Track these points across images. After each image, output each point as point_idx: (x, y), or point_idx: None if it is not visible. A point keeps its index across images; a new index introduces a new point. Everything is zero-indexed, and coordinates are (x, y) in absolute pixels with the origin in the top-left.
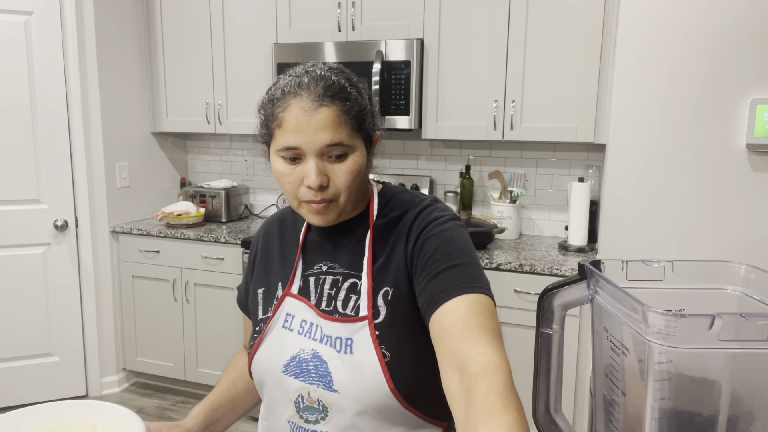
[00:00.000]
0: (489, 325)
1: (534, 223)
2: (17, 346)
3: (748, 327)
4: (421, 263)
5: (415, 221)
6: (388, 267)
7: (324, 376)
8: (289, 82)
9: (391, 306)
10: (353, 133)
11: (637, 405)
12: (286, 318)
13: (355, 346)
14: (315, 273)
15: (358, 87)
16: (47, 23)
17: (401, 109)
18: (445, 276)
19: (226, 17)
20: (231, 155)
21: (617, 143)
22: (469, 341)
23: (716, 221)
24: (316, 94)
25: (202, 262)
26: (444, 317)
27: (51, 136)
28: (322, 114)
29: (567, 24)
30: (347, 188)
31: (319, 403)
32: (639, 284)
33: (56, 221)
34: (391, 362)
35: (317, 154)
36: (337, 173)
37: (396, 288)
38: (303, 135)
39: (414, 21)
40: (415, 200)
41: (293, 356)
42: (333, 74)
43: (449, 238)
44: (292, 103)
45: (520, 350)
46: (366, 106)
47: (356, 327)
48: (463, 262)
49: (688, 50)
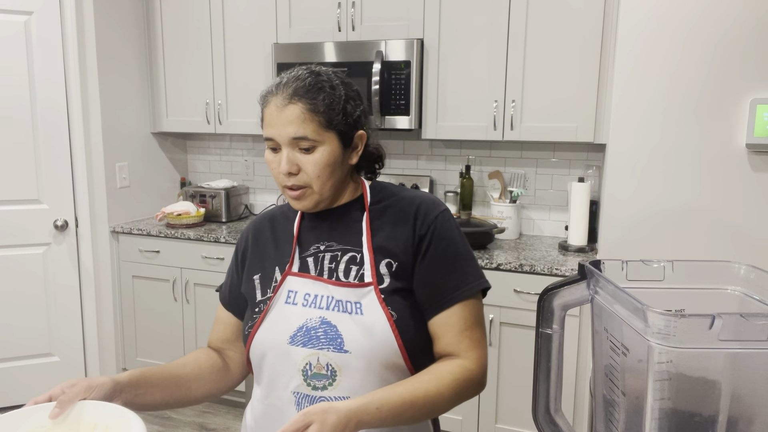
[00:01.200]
0: (476, 336)
1: (534, 223)
2: (17, 346)
3: (748, 327)
4: (429, 254)
5: (420, 207)
6: (390, 243)
7: (334, 339)
8: (274, 82)
9: (396, 276)
10: (320, 129)
11: (637, 405)
12: (288, 295)
13: (364, 308)
14: (313, 253)
15: (334, 87)
16: (47, 23)
17: (401, 109)
18: (448, 279)
19: (226, 17)
20: (231, 155)
21: (617, 143)
22: (458, 348)
23: (716, 221)
24: (286, 93)
25: (202, 262)
26: (442, 327)
27: (51, 136)
28: (289, 110)
29: (567, 24)
30: (317, 177)
31: (327, 368)
32: (639, 284)
33: (56, 221)
34: (398, 321)
35: (288, 145)
36: (306, 164)
37: (400, 262)
38: (275, 128)
39: (414, 21)
40: (406, 189)
41: (300, 326)
42: (309, 75)
43: (452, 240)
44: (270, 101)
45: (520, 350)
46: (337, 105)
47: (363, 292)
48: (461, 264)
49: (688, 50)
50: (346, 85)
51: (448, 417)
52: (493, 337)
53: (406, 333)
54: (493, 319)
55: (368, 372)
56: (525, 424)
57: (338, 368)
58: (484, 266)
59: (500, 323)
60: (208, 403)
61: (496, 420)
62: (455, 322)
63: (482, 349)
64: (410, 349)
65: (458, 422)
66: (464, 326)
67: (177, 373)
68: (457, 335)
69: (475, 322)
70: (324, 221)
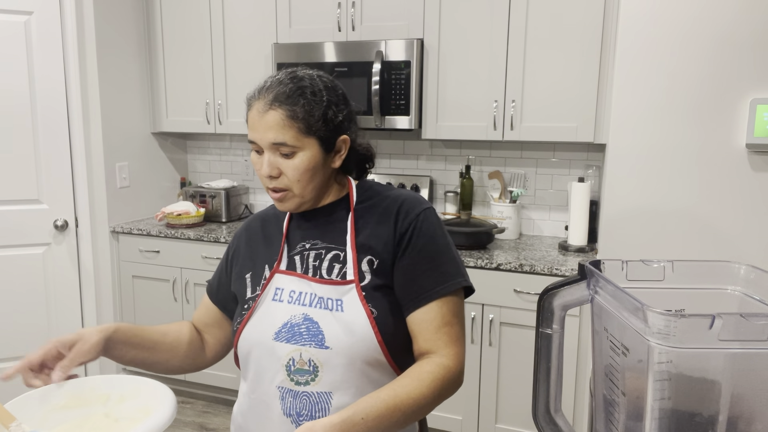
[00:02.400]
0: (453, 333)
1: (534, 223)
2: (17, 346)
3: (748, 327)
4: (409, 251)
5: (402, 205)
6: (372, 240)
7: (316, 335)
8: (257, 86)
9: (376, 273)
10: (299, 135)
11: (637, 405)
12: (275, 292)
13: (345, 306)
14: (299, 251)
15: (316, 94)
16: (47, 23)
17: (401, 109)
18: (426, 276)
19: (226, 17)
20: (231, 155)
21: (617, 143)
22: (436, 345)
23: (716, 221)
24: (267, 99)
25: (202, 262)
26: (420, 324)
27: (51, 136)
28: (269, 116)
29: (567, 24)
30: (297, 181)
31: (310, 364)
32: (639, 284)
33: (56, 221)
34: (378, 318)
35: (269, 149)
36: (286, 168)
37: (381, 260)
38: (257, 132)
39: (414, 21)
40: (392, 188)
41: (284, 323)
42: (291, 81)
43: (432, 237)
44: (253, 105)
45: (520, 350)
46: (317, 112)
47: (345, 289)
48: (440, 262)
49: (688, 50)
50: (330, 90)
51: (447, 417)
52: (493, 337)
53: (386, 329)
54: (493, 319)
55: (349, 368)
56: (525, 424)
57: (320, 364)
58: (483, 266)
59: (500, 323)
60: (207, 402)
61: (496, 420)
62: (432, 319)
63: (459, 345)
64: (391, 346)
65: (458, 422)
66: (441, 323)
67: (156, 339)
68: (434, 332)
69: (453, 319)
70: (310, 221)
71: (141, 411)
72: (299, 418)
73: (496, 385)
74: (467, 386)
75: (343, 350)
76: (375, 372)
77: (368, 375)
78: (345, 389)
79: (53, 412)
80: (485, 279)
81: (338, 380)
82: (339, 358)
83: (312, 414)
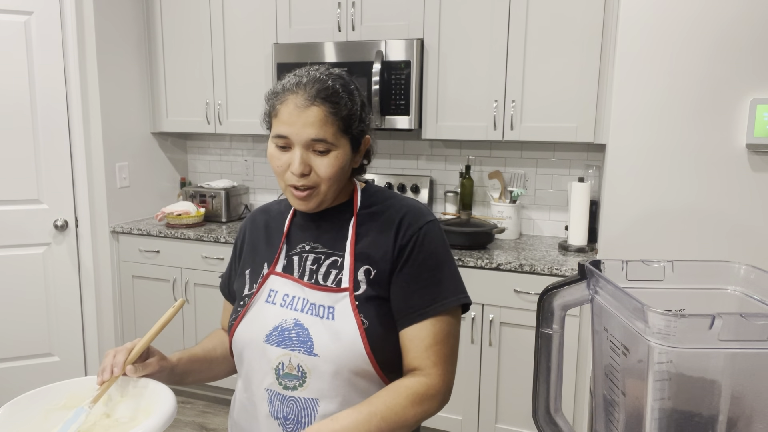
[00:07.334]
0: (443, 352)
1: (534, 223)
2: (17, 346)
3: (748, 327)
4: (408, 265)
5: (405, 217)
6: (371, 249)
7: (305, 341)
8: (291, 80)
9: (372, 283)
10: (338, 133)
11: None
12: (269, 293)
13: (336, 314)
14: (298, 252)
15: (352, 93)
16: (47, 23)
17: (401, 109)
18: (422, 293)
19: (226, 17)
20: (231, 155)
21: (617, 143)
22: (424, 363)
23: (716, 221)
24: (309, 94)
25: (202, 262)
26: (412, 341)
27: (51, 135)
28: (311, 112)
29: (567, 24)
30: (327, 180)
31: (298, 369)
32: (639, 284)
33: (56, 221)
34: (368, 329)
35: (303, 145)
36: (319, 166)
37: (378, 270)
38: (293, 127)
39: (414, 21)
40: (397, 195)
41: (275, 326)
42: (330, 79)
43: (433, 253)
44: (288, 99)
45: (520, 350)
46: (356, 111)
47: (338, 297)
48: (438, 279)
49: (688, 50)
50: (359, 91)
51: (447, 417)
52: (493, 337)
53: (375, 341)
54: (493, 319)
55: (336, 376)
56: (525, 424)
57: (308, 370)
58: (483, 266)
59: (500, 323)
60: (207, 402)
61: (496, 420)
62: (424, 337)
63: (448, 365)
64: (380, 357)
65: (458, 422)
66: (433, 341)
67: (211, 358)
68: (424, 350)
69: (445, 338)
70: (313, 221)
71: (141, 411)
72: (286, 421)
73: (496, 385)
74: (467, 386)
75: (330, 358)
76: (363, 382)
77: (355, 384)
78: (332, 397)
79: (53, 412)
80: (485, 279)
81: (325, 388)
82: (327, 365)
83: (298, 419)
